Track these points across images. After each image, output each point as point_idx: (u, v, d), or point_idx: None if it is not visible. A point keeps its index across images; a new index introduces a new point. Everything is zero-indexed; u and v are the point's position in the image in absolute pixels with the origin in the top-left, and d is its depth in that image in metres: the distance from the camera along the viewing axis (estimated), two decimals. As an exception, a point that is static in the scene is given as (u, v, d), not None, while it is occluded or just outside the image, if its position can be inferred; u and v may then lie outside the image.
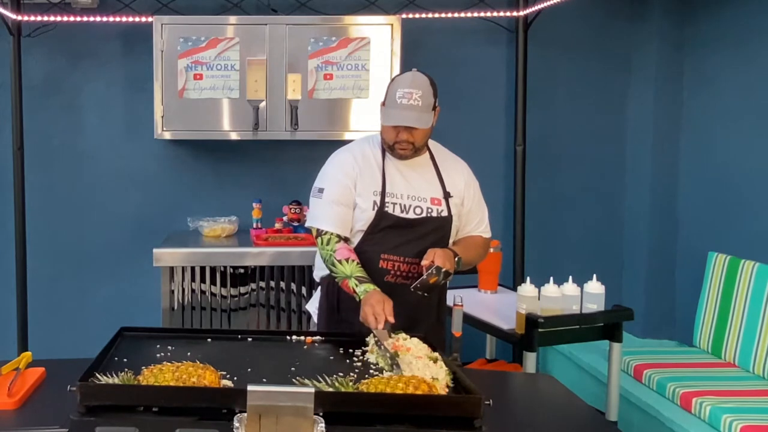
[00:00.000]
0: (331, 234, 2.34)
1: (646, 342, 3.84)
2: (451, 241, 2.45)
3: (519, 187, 3.94)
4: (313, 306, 2.57)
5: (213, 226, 3.72)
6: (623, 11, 4.02)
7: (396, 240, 2.35)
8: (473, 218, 2.50)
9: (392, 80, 2.43)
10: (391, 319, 2.10)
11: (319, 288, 2.52)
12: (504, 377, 2.35)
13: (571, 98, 4.08)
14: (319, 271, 2.52)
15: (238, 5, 3.83)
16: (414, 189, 2.39)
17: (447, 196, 2.41)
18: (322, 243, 2.35)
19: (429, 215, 2.37)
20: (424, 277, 2.21)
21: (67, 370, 1.77)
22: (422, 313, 2.37)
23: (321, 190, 2.40)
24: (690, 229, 3.85)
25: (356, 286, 2.22)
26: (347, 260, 2.27)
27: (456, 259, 2.30)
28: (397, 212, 2.35)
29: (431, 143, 2.49)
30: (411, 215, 2.36)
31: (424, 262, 2.24)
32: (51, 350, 3.17)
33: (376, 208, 2.34)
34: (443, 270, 2.21)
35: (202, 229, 3.72)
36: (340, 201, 2.36)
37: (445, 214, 2.39)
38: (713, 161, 3.67)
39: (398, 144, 2.33)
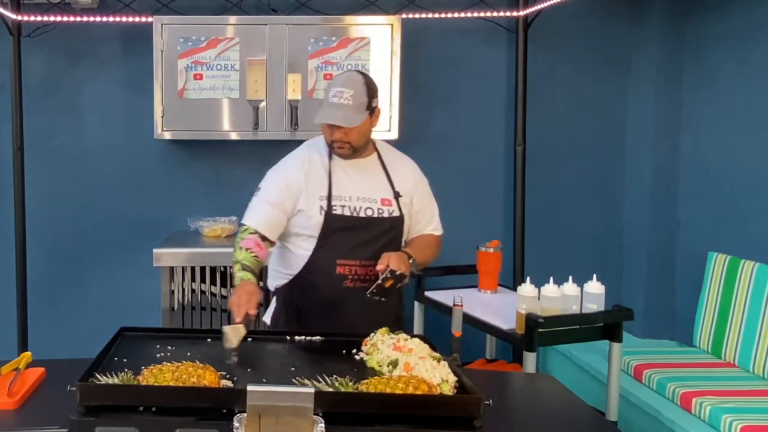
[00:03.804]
0: (250, 228, 2.34)
1: (646, 342, 3.83)
2: (403, 240, 2.46)
3: (519, 187, 3.94)
4: (269, 317, 2.55)
5: (213, 226, 3.72)
6: (623, 11, 4.02)
7: (349, 243, 2.35)
8: (423, 216, 2.50)
9: (333, 78, 2.42)
10: (252, 312, 2.10)
11: (275, 299, 2.52)
12: (504, 377, 2.35)
13: (571, 98, 4.08)
14: (273, 281, 2.52)
15: (238, 5, 3.83)
16: (363, 190, 2.39)
17: (397, 195, 2.42)
18: (238, 234, 2.38)
19: (380, 216, 2.38)
20: (380, 281, 2.22)
21: (67, 370, 1.77)
22: (382, 316, 2.37)
23: (259, 189, 2.43)
24: (690, 230, 3.85)
25: (238, 270, 2.24)
26: (246, 249, 2.28)
27: (410, 261, 2.31)
28: (347, 214, 2.35)
29: (379, 144, 2.51)
30: (362, 216, 2.36)
31: (379, 267, 2.25)
32: (51, 350, 3.17)
33: (323, 212, 2.34)
34: (398, 273, 2.22)
35: (202, 230, 3.73)
36: (273, 203, 2.36)
37: (396, 214, 2.40)
38: (713, 161, 3.67)
39: (334, 143, 2.34)
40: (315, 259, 2.37)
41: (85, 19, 3.75)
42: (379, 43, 3.65)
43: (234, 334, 2.01)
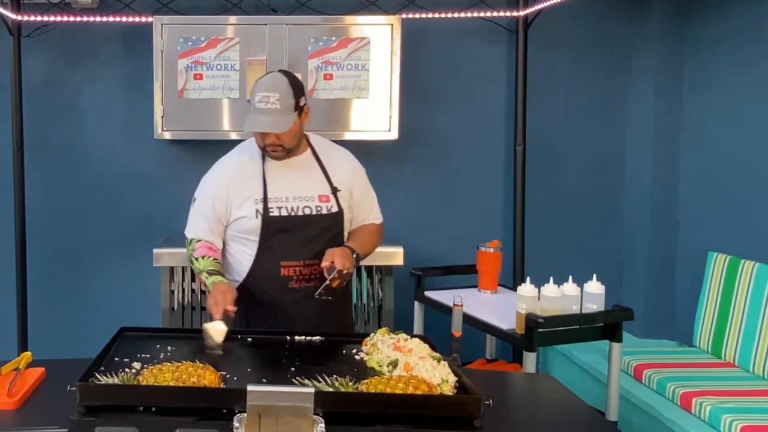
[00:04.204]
0: (195, 239, 2.39)
1: (646, 342, 3.83)
2: (345, 234, 2.45)
3: (519, 187, 3.94)
4: None
5: None
6: (623, 11, 4.02)
7: (291, 244, 2.34)
8: (364, 207, 2.50)
9: (255, 82, 2.41)
10: (231, 308, 2.12)
11: None
12: (504, 377, 2.35)
13: (571, 98, 4.07)
14: None
15: (238, 5, 3.83)
16: (299, 189, 2.37)
17: (335, 191, 2.40)
18: (187, 246, 2.42)
19: (319, 213, 2.37)
20: (327, 281, 2.23)
21: (67, 370, 1.77)
22: (332, 314, 2.40)
23: (194, 200, 2.45)
24: (690, 229, 3.85)
25: (206, 278, 2.27)
26: (203, 257, 2.32)
27: (354, 255, 2.31)
28: (284, 215, 2.35)
29: (313, 138, 2.50)
30: (300, 215, 2.36)
31: (324, 264, 2.25)
32: (51, 350, 3.16)
33: (260, 216, 2.34)
34: (345, 272, 2.22)
35: None
36: (207, 214, 2.38)
37: (335, 210, 2.39)
38: (713, 161, 3.67)
39: (268, 147, 2.33)
40: (259, 263, 2.37)
41: (85, 19, 3.75)
42: (379, 43, 3.65)
43: (215, 332, 2.03)
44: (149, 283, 3.75)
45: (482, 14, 3.86)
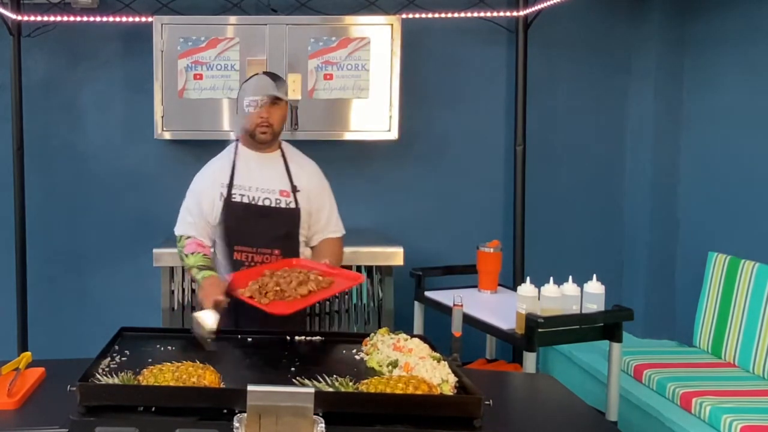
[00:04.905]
0: (185, 236, 2.52)
1: (646, 342, 3.83)
2: (300, 232, 2.55)
3: (519, 187, 3.94)
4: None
5: None
6: (623, 11, 4.02)
7: (247, 230, 2.48)
8: (321, 216, 2.60)
9: (241, 86, 2.62)
10: (221, 298, 2.20)
11: None
12: (504, 377, 2.35)
13: (571, 98, 4.08)
14: None
15: (238, 5, 3.83)
16: (263, 181, 2.52)
17: (294, 189, 2.53)
18: (177, 244, 2.55)
19: (278, 206, 2.49)
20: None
21: (67, 370, 1.77)
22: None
23: (185, 198, 2.59)
24: (690, 229, 3.85)
25: (197, 273, 2.38)
26: (193, 254, 2.45)
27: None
28: (245, 202, 2.48)
29: (284, 144, 2.64)
30: (260, 204, 2.48)
31: None
32: (51, 350, 3.17)
33: (222, 198, 2.48)
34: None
35: None
36: (192, 210, 2.54)
37: (293, 205, 2.52)
38: (713, 161, 3.67)
39: (258, 127, 2.46)
40: (218, 247, 2.53)
41: (85, 19, 3.75)
42: (379, 43, 3.65)
43: (206, 318, 2.08)
44: (149, 283, 3.74)
45: (482, 14, 3.86)
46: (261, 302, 2.15)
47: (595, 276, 2.76)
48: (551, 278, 2.76)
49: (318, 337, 2.17)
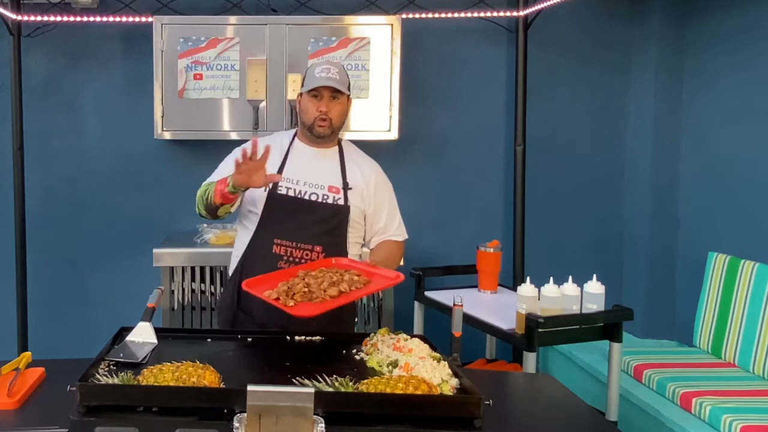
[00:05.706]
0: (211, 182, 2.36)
1: (646, 342, 3.83)
2: (351, 232, 2.43)
3: (519, 187, 3.94)
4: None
5: (218, 234, 3.62)
6: (623, 11, 4.02)
7: (289, 225, 2.35)
8: (380, 217, 2.49)
9: (310, 65, 2.50)
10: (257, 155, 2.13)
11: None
12: (504, 377, 2.35)
13: (571, 98, 4.08)
14: (230, 270, 2.53)
15: (238, 5, 3.83)
16: (313, 177, 2.40)
17: (346, 186, 2.41)
18: (198, 193, 2.38)
19: (324, 201, 2.38)
20: None
21: (67, 370, 1.77)
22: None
23: (220, 166, 2.47)
24: (690, 229, 3.85)
25: (230, 180, 2.22)
26: (216, 182, 2.31)
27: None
28: (291, 196, 2.37)
29: (345, 143, 2.53)
30: (305, 199, 2.37)
31: None
32: (51, 350, 3.17)
33: (267, 190, 2.36)
34: None
35: (209, 240, 3.61)
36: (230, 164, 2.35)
37: (341, 202, 2.39)
38: (713, 161, 3.67)
39: (317, 120, 2.36)
40: (255, 238, 2.39)
41: (85, 19, 3.75)
42: (379, 43, 3.65)
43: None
44: (149, 283, 3.73)
45: (482, 14, 3.86)
46: (287, 304, 1.98)
47: (595, 276, 2.76)
48: (551, 278, 2.76)
49: (318, 337, 2.17)
